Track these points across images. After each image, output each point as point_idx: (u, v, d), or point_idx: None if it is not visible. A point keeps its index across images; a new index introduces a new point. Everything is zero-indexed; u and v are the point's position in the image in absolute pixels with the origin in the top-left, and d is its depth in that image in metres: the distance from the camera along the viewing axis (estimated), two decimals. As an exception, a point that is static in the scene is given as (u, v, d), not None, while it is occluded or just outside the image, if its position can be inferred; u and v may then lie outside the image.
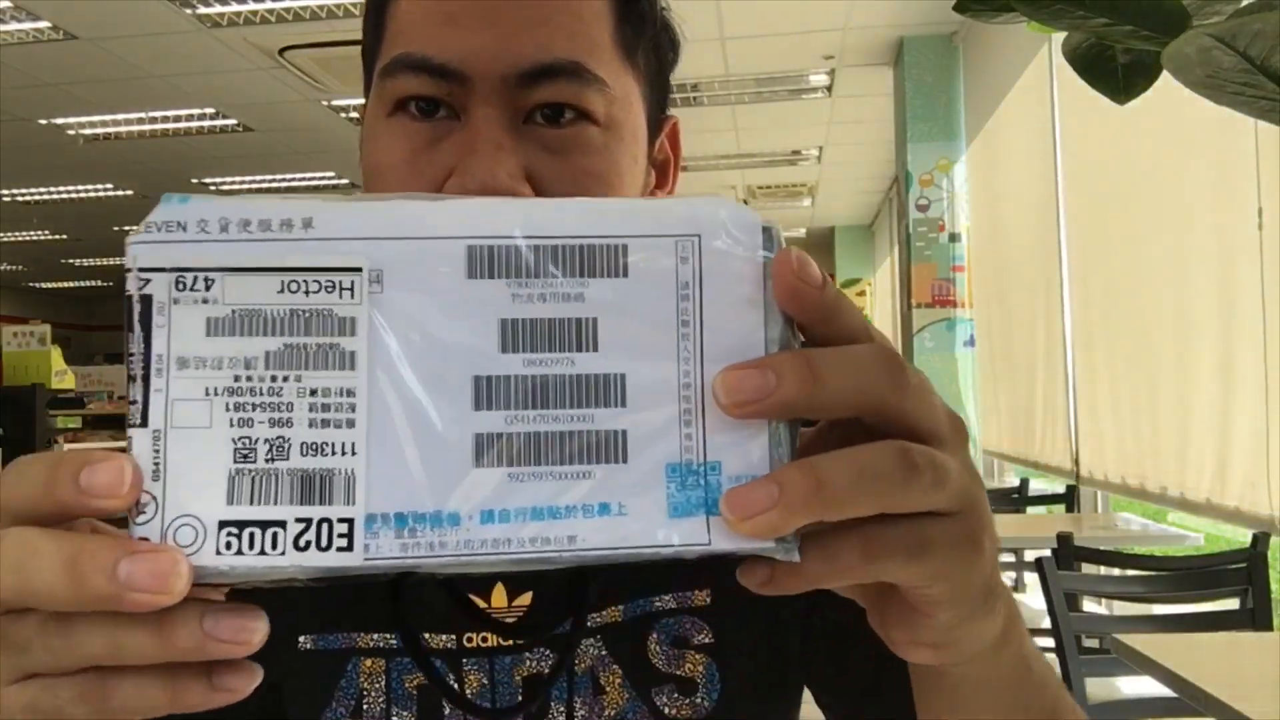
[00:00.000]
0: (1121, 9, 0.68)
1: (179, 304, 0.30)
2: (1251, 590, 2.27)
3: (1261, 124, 0.95)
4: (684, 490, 0.30)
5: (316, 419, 0.30)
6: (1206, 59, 0.62)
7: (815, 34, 5.44)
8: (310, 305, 0.30)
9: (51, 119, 6.64)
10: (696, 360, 0.31)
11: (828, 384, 0.30)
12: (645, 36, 0.57)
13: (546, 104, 0.52)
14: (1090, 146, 3.76)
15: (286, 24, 5.11)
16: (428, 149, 0.52)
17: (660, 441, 0.31)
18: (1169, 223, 3.02)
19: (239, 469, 0.30)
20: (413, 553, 0.30)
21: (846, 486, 0.30)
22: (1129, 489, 3.33)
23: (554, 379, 0.30)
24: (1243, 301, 2.54)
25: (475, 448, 0.30)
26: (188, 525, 0.29)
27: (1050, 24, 0.73)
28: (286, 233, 0.31)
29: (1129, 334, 3.35)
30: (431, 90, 0.51)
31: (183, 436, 0.30)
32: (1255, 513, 2.49)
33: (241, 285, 0.30)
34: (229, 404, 0.30)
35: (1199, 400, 2.80)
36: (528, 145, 0.51)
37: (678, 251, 0.31)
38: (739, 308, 0.31)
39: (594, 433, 0.30)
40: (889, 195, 9.29)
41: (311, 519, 0.30)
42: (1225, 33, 0.60)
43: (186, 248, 0.30)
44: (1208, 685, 1.47)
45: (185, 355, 0.30)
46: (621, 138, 0.54)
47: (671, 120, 0.63)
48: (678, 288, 0.31)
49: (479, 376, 0.30)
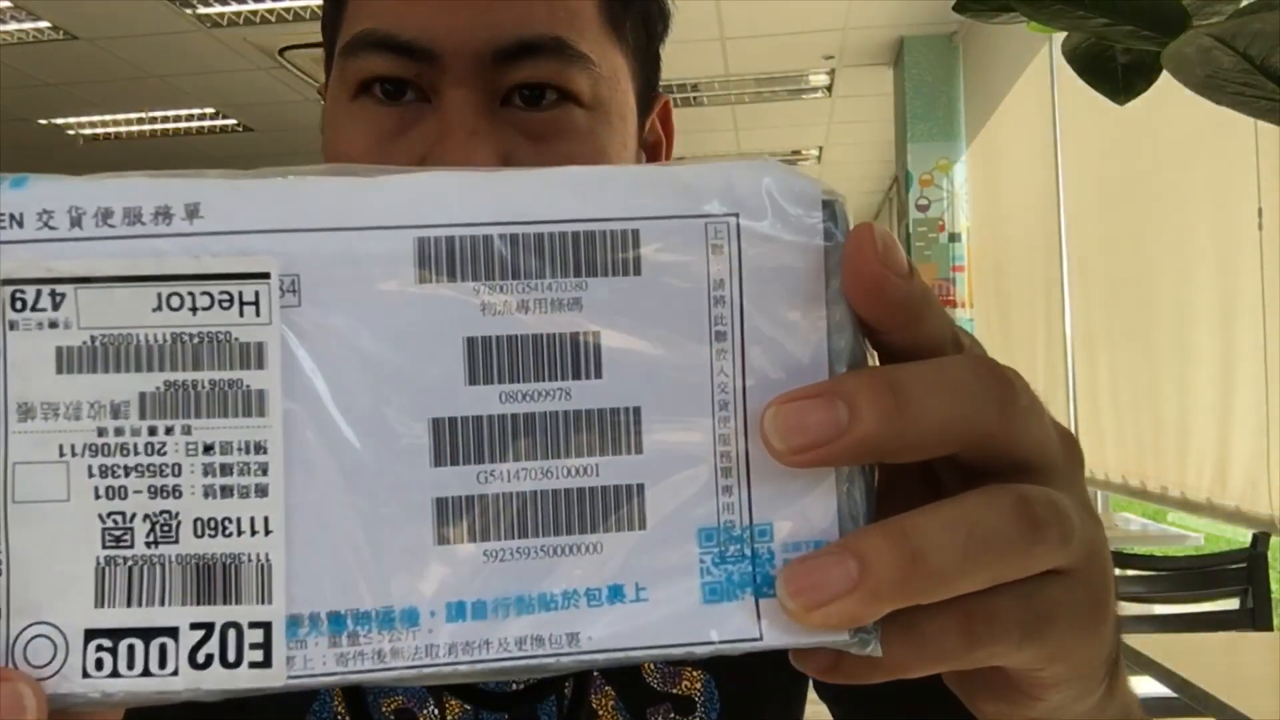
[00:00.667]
0: (1121, 9, 0.68)
1: (17, 329, 0.22)
2: (1251, 590, 2.27)
3: (1261, 124, 0.95)
4: (723, 564, 0.23)
5: (214, 485, 0.22)
6: (1206, 59, 0.62)
7: (815, 34, 5.44)
8: (200, 327, 0.22)
9: (51, 119, 6.64)
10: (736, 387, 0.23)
11: (919, 416, 0.22)
12: (633, 8, 0.52)
13: (526, 84, 0.47)
14: (1091, 146, 3.76)
15: (286, 24, 5.11)
16: (395, 136, 0.47)
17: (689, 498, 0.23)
18: (1169, 223, 3.02)
19: (111, 557, 0.22)
20: (355, 665, 0.22)
21: (953, 558, 0.22)
22: (1129, 489, 3.33)
23: (543, 418, 0.22)
24: (1243, 301, 2.54)
25: (436, 518, 0.22)
26: (43, 638, 0.22)
27: (1050, 24, 0.73)
28: (163, 225, 0.22)
29: (1129, 334, 3.35)
30: (398, 70, 0.46)
31: (30, 514, 0.22)
32: (1255, 513, 2.49)
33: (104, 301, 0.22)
34: (93, 467, 0.22)
35: (1199, 400, 2.80)
36: (505, 130, 0.47)
37: (708, 237, 0.23)
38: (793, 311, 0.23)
39: (599, 489, 0.23)
40: (889, 195, 9.29)
41: (213, 624, 0.22)
42: (1225, 33, 0.60)
43: (24, 250, 0.22)
44: (1208, 685, 1.47)
45: (29, 401, 0.22)
46: (609, 120, 0.49)
47: (663, 99, 0.58)
48: (709, 288, 0.23)
49: (439, 419, 0.22)
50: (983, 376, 0.24)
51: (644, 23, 0.54)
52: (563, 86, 0.47)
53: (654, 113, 0.58)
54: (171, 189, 0.22)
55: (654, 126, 0.58)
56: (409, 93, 0.48)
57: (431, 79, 0.47)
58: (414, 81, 0.47)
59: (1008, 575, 0.23)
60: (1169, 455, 3.00)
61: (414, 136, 0.47)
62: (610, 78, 0.50)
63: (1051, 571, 0.25)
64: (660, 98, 0.58)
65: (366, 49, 0.47)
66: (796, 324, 0.23)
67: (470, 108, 0.46)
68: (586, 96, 0.48)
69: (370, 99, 0.48)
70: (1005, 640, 0.24)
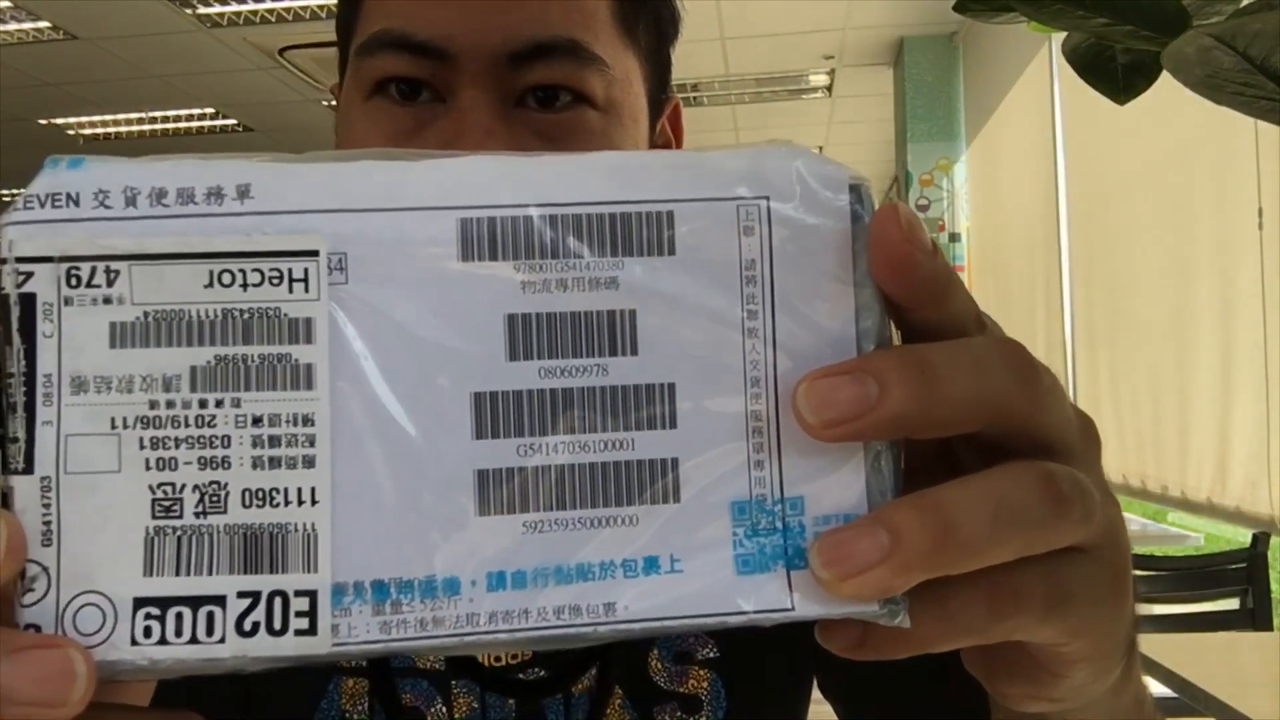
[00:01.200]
0: (1121, 9, 0.68)
1: (72, 305, 0.23)
2: (1251, 590, 2.27)
3: (1262, 124, 0.95)
4: (755, 537, 0.23)
5: (263, 457, 0.22)
6: (1206, 59, 0.62)
7: (815, 34, 5.44)
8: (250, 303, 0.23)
9: (51, 119, 6.64)
10: (768, 363, 0.23)
11: (947, 392, 0.23)
12: (645, 11, 0.53)
13: (540, 85, 0.47)
14: (1091, 146, 3.76)
15: (286, 24, 5.11)
16: (410, 136, 0.47)
17: (722, 472, 0.23)
18: (1170, 222, 3.02)
19: (160, 527, 0.22)
20: (398, 634, 0.22)
21: (982, 530, 0.23)
22: (1129, 489, 3.33)
23: (581, 393, 0.23)
24: (1243, 301, 2.54)
25: (478, 489, 0.23)
26: (92, 606, 0.22)
27: (1050, 24, 0.73)
28: (215, 205, 0.23)
29: (1130, 334, 3.35)
30: (413, 70, 0.47)
31: (82, 485, 0.22)
32: (1256, 513, 2.49)
33: (156, 278, 0.23)
34: (144, 439, 0.22)
35: (1199, 400, 2.80)
36: (520, 132, 0.47)
37: (739, 219, 0.23)
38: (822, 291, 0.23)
39: (635, 463, 0.23)
40: (889, 195, 9.29)
41: (260, 592, 0.22)
42: (1225, 33, 0.60)
43: (80, 229, 0.23)
44: (1208, 685, 1.47)
45: (82, 375, 0.22)
46: (622, 122, 0.50)
47: (673, 101, 0.58)
48: (741, 267, 0.23)
49: (480, 393, 0.23)
50: (1008, 356, 0.25)
51: (655, 25, 0.54)
52: (577, 88, 0.48)
53: (664, 115, 0.58)
54: (224, 170, 0.24)
55: (664, 129, 0.59)
56: (424, 93, 0.48)
57: (447, 79, 0.47)
58: (429, 82, 0.47)
59: (1034, 549, 0.24)
60: (1169, 455, 3.00)
61: (429, 136, 0.47)
62: (623, 80, 0.50)
63: (1073, 549, 0.25)
64: (671, 100, 0.58)
65: (382, 49, 0.47)
66: (825, 303, 0.24)
67: (485, 108, 0.46)
68: (600, 98, 0.48)
69: (385, 99, 0.48)
70: (1029, 614, 0.24)
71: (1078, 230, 3.90)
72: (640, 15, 0.52)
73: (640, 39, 0.52)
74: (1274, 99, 0.63)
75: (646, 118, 0.54)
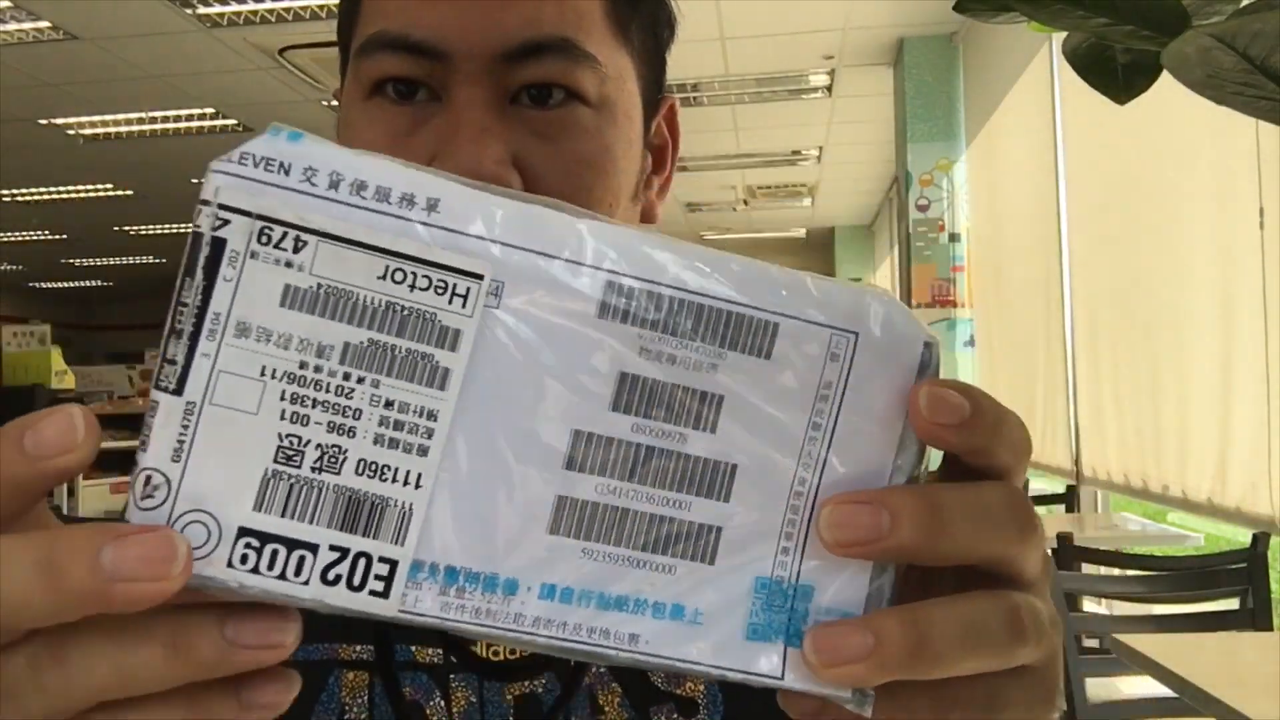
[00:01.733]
0: (1121, 9, 0.68)
1: (256, 259, 0.25)
2: (1251, 590, 2.27)
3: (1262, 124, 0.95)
4: (768, 611, 0.27)
5: (385, 436, 0.25)
6: (1206, 59, 0.62)
7: (815, 34, 5.44)
8: (413, 303, 0.25)
9: (51, 119, 6.64)
10: (817, 469, 0.27)
11: (951, 535, 0.27)
12: (640, 11, 0.53)
13: (534, 83, 0.48)
14: (1092, 146, 3.76)
15: (286, 24, 5.11)
16: (407, 135, 0.48)
17: (755, 549, 0.27)
18: (1171, 222, 3.02)
19: (278, 471, 0.25)
20: (455, 615, 0.26)
21: (950, 647, 0.26)
22: (1131, 489, 3.33)
23: (660, 453, 0.26)
24: (1244, 301, 2.54)
25: (555, 511, 0.26)
26: (201, 523, 0.24)
27: (1050, 24, 0.73)
28: (406, 209, 0.25)
29: (1131, 333, 3.35)
30: (411, 70, 0.48)
31: (220, 417, 0.25)
32: (1256, 512, 2.49)
33: (338, 258, 0.25)
34: (286, 393, 0.25)
35: (1200, 400, 2.80)
36: (515, 129, 0.48)
37: (830, 345, 0.27)
38: (876, 423, 0.27)
39: (687, 524, 0.26)
40: (889, 195, 9.29)
41: (349, 550, 0.25)
42: (1225, 33, 0.60)
43: (283, 195, 0.25)
44: (1208, 685, 1.47)
45: (248, 322, 0.25)
46: (615, 119, 0.50)
47: (669, 101, 0.59)
48: (819, 385, 0.27)
49: (580, 431, 0.26)
50: (1011, 509, 0.28)
51: (651, 26, 0.55)
52: (569, 86, 0.48)
53: (660, 115, 0.58)
54: (420, 181, 0.26)
55: (660, 129, 0.59)
56: (421, 92, 0.49)
57: (443, 78, 0.48)
58: (425, 81, 0.48)
59: (989, 668, 0.28)
60: (1170, 455, 3.00)
61: (426, 134, 0.48)
62: (616, 78, 0.51)
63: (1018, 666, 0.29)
64: (666, 100, 0.59)
65: (380, 50, 0.48)
66: (874, 434, 0.27)
67: (480, 106, 0.47)
68: (593, 96, 0.49)
69: (384, 98, 0.49)
70: (967, 714, 0.28)
71: (1078, 230, 3.90)
72: (634, 15, 0.53)
73: (634, 38, 0.53)
74: (1274, 99, 0.63)
75: (640, 115, 0.54)
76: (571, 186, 0.49)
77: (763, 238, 12.18)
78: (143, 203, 9.29)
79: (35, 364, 6.67)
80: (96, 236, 11.09)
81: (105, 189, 8.75)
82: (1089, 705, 2.21)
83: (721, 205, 10.00)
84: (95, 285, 15.23)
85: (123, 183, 8.51)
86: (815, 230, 11.77)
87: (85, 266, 13.42)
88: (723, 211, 10.32)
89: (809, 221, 11.26)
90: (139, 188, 8.69)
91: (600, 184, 0.50)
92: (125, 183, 8.52)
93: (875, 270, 11.41)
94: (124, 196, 8.99)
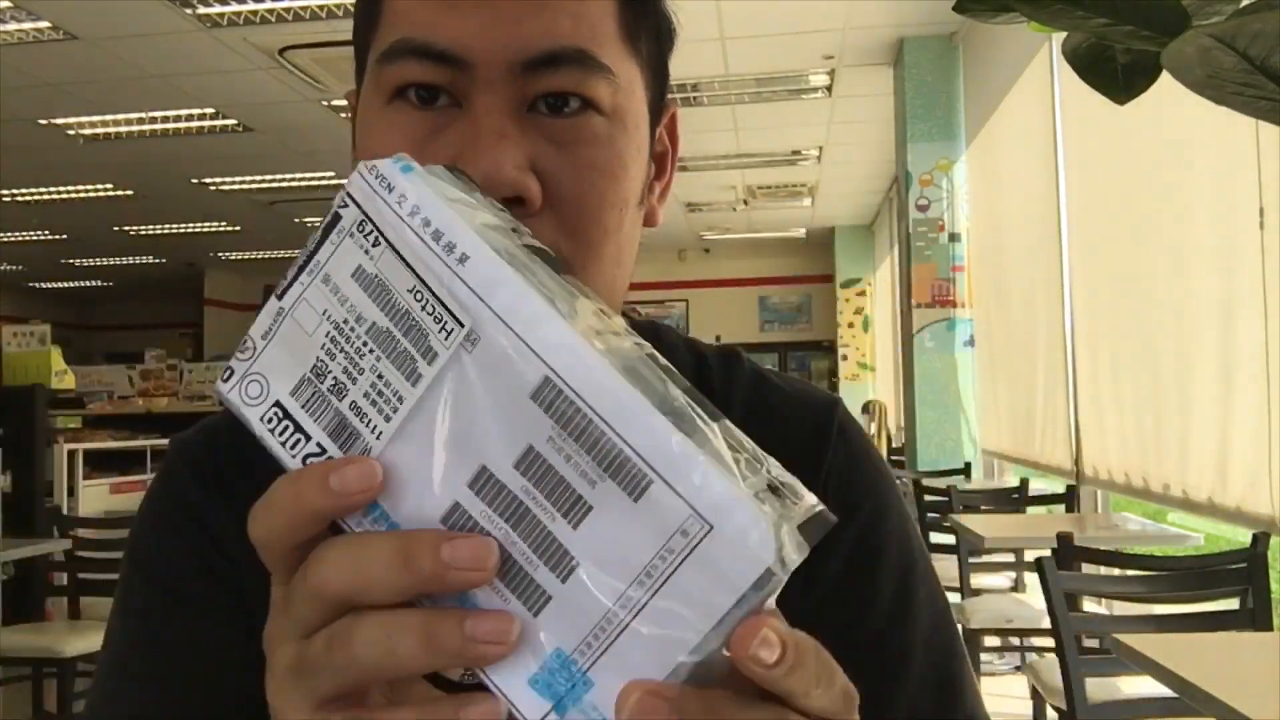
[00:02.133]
0: (1121, 9, 0.68)
1: (351, 239, 0.34)
2: (1251, 590, 2.27)
3: (1262, 124, 0.95)
4: (553, 675, 0.32)
5: (371, 394, 0.34)
6: (1206, 59, 0.62)
7: (815, 34, 5.44)
8: (418, 318, 0.33)
9: (51, 119, 6.64)
10: (633, 611, 0.31)
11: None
12: (648, 22, 0.55)
13: (551, 93, 0.50)
14: (1092, 146, 3.76)
15: (286, 24, 5.11)
16: (428, 139, 0.50)
17: (568, 629, 0.32)
18: (1171, 222, 3.02)
19: (309, 379, 0.34)
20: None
21: None
22: (1132, 488, 3.33)
23: (534, 518, 0.32)
24: (1245, 301, 2.54)
25: (449, 512, 0.33)
26: (258, 382, 0.35)
27: (1050, 24, 0.73)
28: (445, 253, 0.33)
29: (1132, 333, 3.35)
30: (432, 77, 0.50)
31: (293, 324, 0.35)
32: (1256, 512, 2.49)
33: (392, 264, 0.34)
34: (329, 332, 0.34)
35: (1201, 400, 2.80)
36: (532, 135, 0.50)
37: (684, 522, 0.30)
38: (694, 609, 0.31)
39: (530, 578, 0.32)
40: (889, 195, 9.29)
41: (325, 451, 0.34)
42: (1225, 33, 0.60)
43: (381, 206, 0.34)
44: (1208, 685, 1.47)
45: (331, 276, 0.34)
46: (625, 127, 0.52)
47: (671, 109, 0.61)
48: (664, 546, 0.31)
49: (486, 468, 0.32)
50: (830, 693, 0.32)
51: (655, 35, 0.57)
52: (585, 95, 0.50)
53: (663, 123, 0.60)
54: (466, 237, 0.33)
55: (662, 137, 0.61)
56: (441, 98, 0.51)
57: (463, 85, 0.50)
58: (446, 88, 0.50)
59: None
60: (1171, 455, 3.00)
61: (446, 139, 0.50)
62: (627, 87, 0.53)
63: None
64: (669, 108, 0.60)
65: (403, 56, 0.50)
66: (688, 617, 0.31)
67: (499, 113, 0.49)
68: (606, 105, 0.51)
69: (405, 103, 0.51)
70: None
71: (1078, 230, 3.91)
72: (642, 26, 0.55)
73: (642, 48, 0.55)
74: (1274, 99, 0.63)
75: (647, 123, 0.56)
76: (585, 192, 0.50)
77: (763, 238, 12.19)
78: (143, 203, 9.29)
79: (35, 364, 6.67)
80: (96, 236, 11.10)
81: (105, 189, 8.75)
82: (1089, 705, 2.21)
83: (721, 205, 10.00)
84: (95, 285, 15.24)
85: (123, 183, 8.52)
86: (815, 230, 11.78)
87: (85, 266, 13.43)
88: (723, 211, 10.32)
89: (809, 221, 11.26)
90: (139, 188, 8.69)
91: (612, 189, 0.52)
92: (125, 183, 8.52)
93: (875, 269, 11.42)
94: (124, 196, 8.99)
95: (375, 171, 0.34)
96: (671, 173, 0.62)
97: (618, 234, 0.53)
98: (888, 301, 9.94)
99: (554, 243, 0.49)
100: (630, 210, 0.54)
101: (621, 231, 0.53)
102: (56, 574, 3.99)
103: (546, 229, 0.49)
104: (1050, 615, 2.24)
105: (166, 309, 15.88)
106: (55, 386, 6.21)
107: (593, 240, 0.51)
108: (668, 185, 0.62)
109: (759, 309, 13.20)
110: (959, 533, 3.38)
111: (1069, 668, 2.19)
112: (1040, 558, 2.27)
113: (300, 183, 8.51)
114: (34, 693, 3.72)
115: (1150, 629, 2.26)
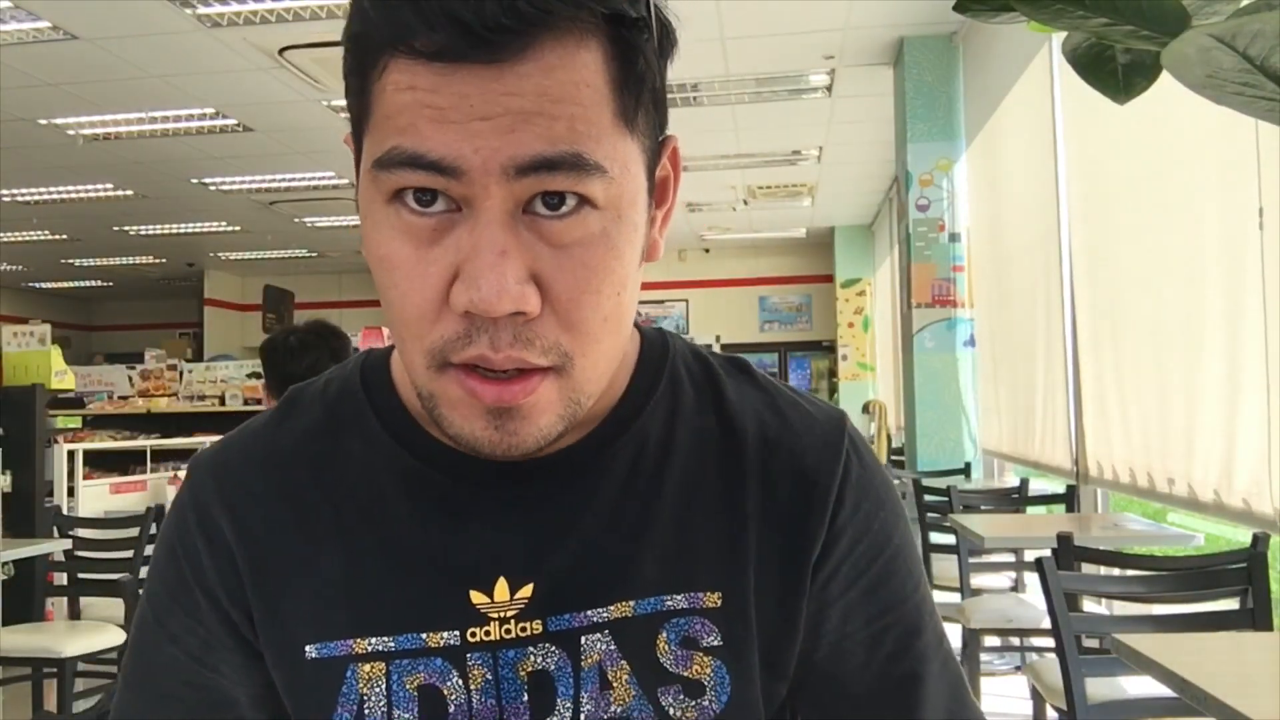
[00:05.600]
0: (1121, 9, 0.68)
1: None
2: (1251, 590, 2.27)
3: (1262, 124, 0.95)
4: None
5: None
6: (1206, 59, 0.62)
7: (815, 34, 5.44)
8: None
9: (51, 119, 6.64)
10: None
11: None
12: (643, 97, 0.55)
13: (547, 192, 0.51)
14: (1092, 146, 3.76)
15: (286, 24, 5.11)
16: (430, 245, 0.52)
17: None
18: (1172, 222, 3.02)
19: None
20: None
21: None
22: (1136, 488, 3.33)
23: None
24: (1246, 301, 2.54)
25: None
26: None
27: (1050, 24, 0.73)
28: None
29: (1133, 333, 3.35)
30: (428, 183, 0.51)
31: None
32: (1260, 512, 2.49)
33: None
34: None
35: (1204, 400, 2.80)
36: (529, 240, 0.52)
37: None
38: None
39: None
40: (889, 195, 9.29)
41: None
42: (1225, 33, 0.60)
43: None
44: (1208, 685, 1.47)
45: None
46: (620, 213, 0.54)
47: (671, 143, 0.61)
48: None
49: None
50: None
51: (654, 105, 0.57)
52: (579, 193, 0.52)
53: (664, 156, 0.61)
54: None
55: (664, 165, 0.61)
56: (440, 200, 0.52)
57: (460, 190, 0.51)
58: (444, 191, 0.52)
59: None
60: (1174, 454, 3.00)
61: (448, 244, 0.52)
62: (621, 175, 0.54)
63: None
64: (668, 143, 0.61)
65: (400, 166, 0.51)
66: None
67: (498, 224, 0.51)
68: (600, 199, 0.53)
69: (404, 207, 0.53)
70: None
71: (1079, 230, 3.90)
72: (639, 104, 0.55)
73: (639, 123, 0.55)
74: (1274, 99, 0.63)
75: (646, 193, 0.57)
76: (583, 290, 0.52)
77: (763, 238, 12.18)
78: (143, 203, 9.29)
79: (35, 364, 6.66)
80: (96, 236, 11.09)
81: (105, 189, 8.75)
82: (1089, 705, 2.21)
83: (721, 205, 9.99)
84: (95, 285, 15.23)
85: (123, 183, 8.52)
86: (815, 230, 11.78)
87: (85, 266, 13.42)
88: (723, 211, 10.32)
89: (809, 221, 11.26)
90: (139, 188, 8.69)
91: (609, 282, 0.54)
92: (125, 183, 8.52)
93: (875, 269, 11.41)
94: (124, 196, 8.99)
95: None
96: (674, 200, 0.63)
97: (617, 309, 0.54)
98: (888, 301, 9.93)
99: (555, 340, 0.52)
100: (629, 281, 0.56)
101: (621, 304, 0.55)
102: (56, 574, 3.99)
103: (548, 329, 0.52)
104: (1050, 615, 2.24)
105: (166, 309, 15.88)
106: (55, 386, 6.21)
107: (592, 329, 0.53)
108: (669, 213, 0.63)
109: (759, 309, 13.20)
110: (959, 532, 3.38)
111: (1069, 668, 2.19)
112: (1040, 558, 2.27)
113: (300, 183, 8.50)
114: (34, 693, 3.71)
115: (1150, 629, 2.26)
